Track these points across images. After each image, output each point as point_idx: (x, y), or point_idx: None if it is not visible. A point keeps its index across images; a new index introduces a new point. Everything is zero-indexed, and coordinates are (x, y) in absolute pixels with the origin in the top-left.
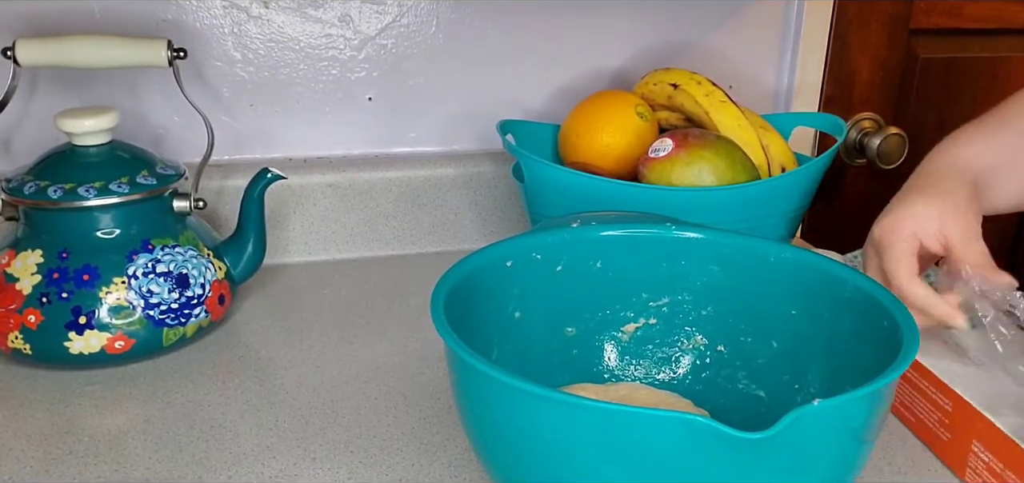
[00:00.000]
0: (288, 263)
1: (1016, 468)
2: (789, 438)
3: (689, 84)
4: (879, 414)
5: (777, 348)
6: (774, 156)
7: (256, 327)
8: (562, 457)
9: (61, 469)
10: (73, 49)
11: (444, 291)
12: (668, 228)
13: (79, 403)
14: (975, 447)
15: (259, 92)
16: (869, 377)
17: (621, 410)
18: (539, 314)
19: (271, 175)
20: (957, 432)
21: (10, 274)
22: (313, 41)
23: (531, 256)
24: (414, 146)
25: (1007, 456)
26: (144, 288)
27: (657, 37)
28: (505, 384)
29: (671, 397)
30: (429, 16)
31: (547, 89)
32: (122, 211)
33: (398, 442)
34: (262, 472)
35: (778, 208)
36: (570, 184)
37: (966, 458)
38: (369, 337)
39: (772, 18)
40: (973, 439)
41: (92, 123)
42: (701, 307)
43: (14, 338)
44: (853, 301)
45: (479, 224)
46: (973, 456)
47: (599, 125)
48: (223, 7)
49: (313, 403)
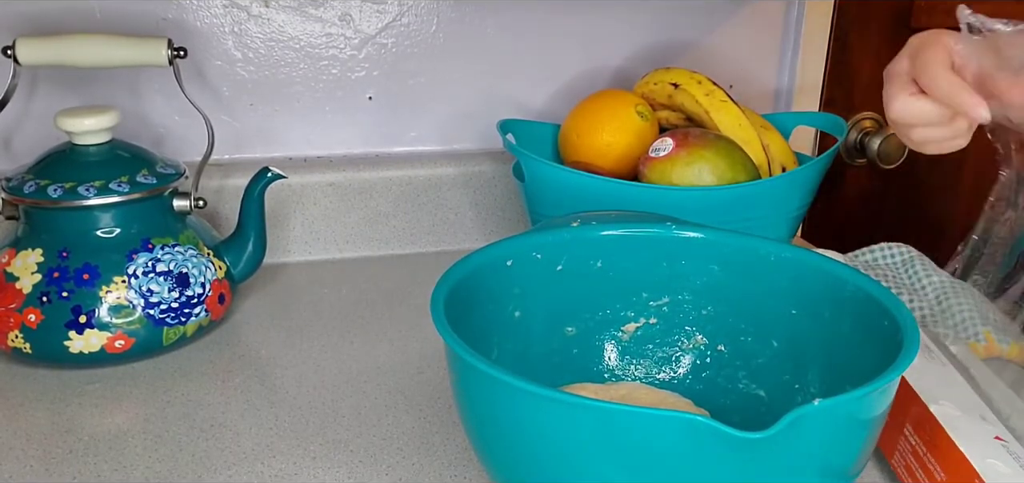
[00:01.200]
0: (288, 262)
1: (938, 454)
2: (789, 438)
3: (689, 84)
4: (879, 414)
5: (777, 348)
6: (774, 156)
7: (256, 327)
8: (562, 457)
9: (61, 468)
10: (73, 48)
11: (444, 291)
12: (668, 228)
13: (79, 402)
14: (906, 430)
15: (259, 91)
16: (869, 377)
17: (621, 410)
18: (539, 314)
19: (271, 174)
20: (894, 414)
21: (10, 273)
22: (313, 40)
23: (531, 256)
24: (414, 145)
25: (931, 440)
26: (144, 287)
27: (657, 37)
28: (505, 384)
29: (671, 397)
30: (429, 15)
31: (547, 89)
32: (122, 210)
33: (398, 442)
34: (262, 472)
35: (778, 208)
36: (570, 184)
37: (897, 441)
38: (369, 337)
39: (772, 18)
40: (906, 423)
41: (92, 122)
42: (701, 307)
43: (14, 337)
44: (853, 301)
45: (479, 224)
46: (903, 439)
47: (599, 124)
48: (223, 6)
49: (313, 403)
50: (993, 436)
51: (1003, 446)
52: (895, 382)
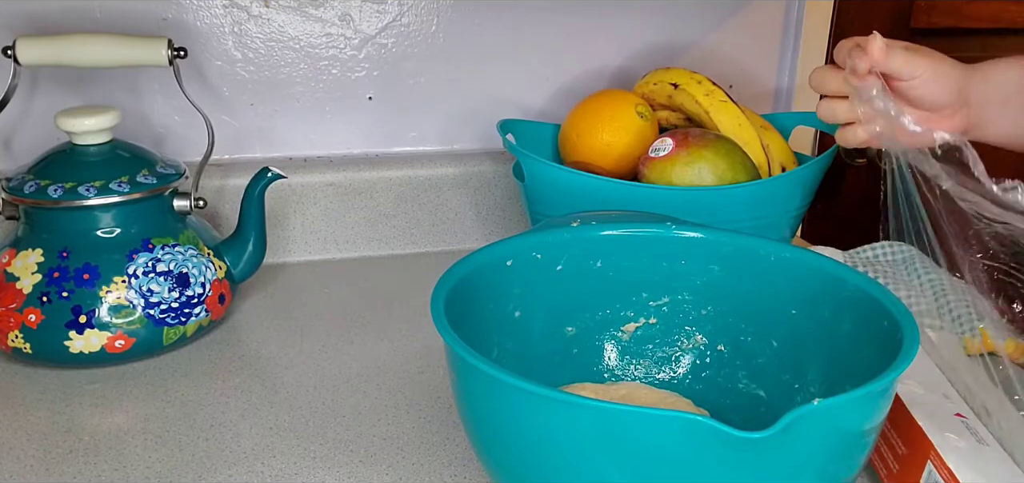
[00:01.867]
0: (288, 262)
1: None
2: (789, 438)
3: (689, 84)
4: (879, 414)
5: (777, 348)
6: (774, 156)
7: (256, 327)
8: (562, 457)
9: (61, 468)
10: (74, 48)
11: (444, 290)
12: (668, 228)
13: (79, 402)
14: None
15: (259, 91)
16: (869, 377)
17: (621, 410)
18: (539, 313)
19: (271, 174)
20: None
21: (10, 273)
22: (313, 40)
23: (531, 255)
24: (414, 145)
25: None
26: (144, 287)
27: (657, 37)
28: (505, 383)
29: (671, 396)
30: (429, 15)
31: (547, 89)
32: (122, 210)
33: (398, 442)
34: (262, 472)
35: (778, 208)
36: (570, 183)
37: None
38: (369, 337)
39: (772, 18)
40: None
41: (92, 122)
42: (701, 306)
43: (14, 337)
44: (853, 301)
45: (479, 224)
46: None
47: (599, 124)
48: (223, 6)
49: (313, 403)
50: (954, 413)
51: (963, 423)
52: (895, 382)
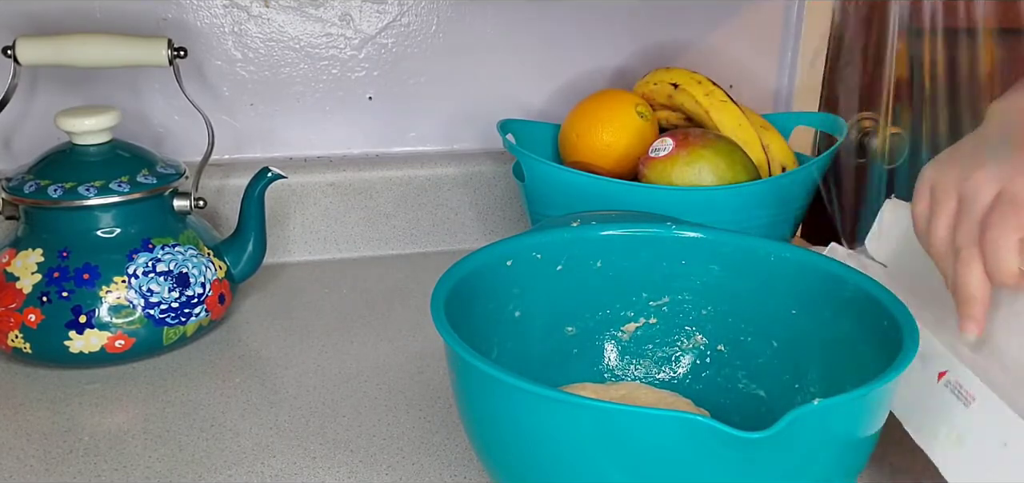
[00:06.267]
0: (288, 262)
1: None
2: (789, 438)
3: (689, 84)
4: (879, 414)
5: (777, 348)
6: (774, 156)
7: (256, 327)
8: (562, 457)
9: (61, 468)
10: (73, 48)
11: (444, 290)
12: (668, 228)
13: (79, 402)
14: None
15: (259, 91)
16: (869, 377)
17: (621, 410)
18: (539, 313)
19: (271, 174)
20: None
21: (10, 273)
22: (313, 40)
23: (531, 255)
24: (414, 145)
25: None
26: (144, 287)
27: (657, 37)
28: (505, 384)
29: (671, 396)
30: (429, 15)
31: (547, 89)
32: (122, 210)
33: (398, 442)
34: (262, 471)
35: (778, 208)
36: (570, 183)
37: None
38: (369, 337)
39: (772, 18)
40: None
41: (92, 122)
42: (701, 306)
43: (14, 337)
44: (853, 301)
45: (479, 224)
46: None
47: (599, 124)
48: (223, 6)
49: (313, 403)
50: (937, 372)
51: (945, 385)
52: (895, 382)
